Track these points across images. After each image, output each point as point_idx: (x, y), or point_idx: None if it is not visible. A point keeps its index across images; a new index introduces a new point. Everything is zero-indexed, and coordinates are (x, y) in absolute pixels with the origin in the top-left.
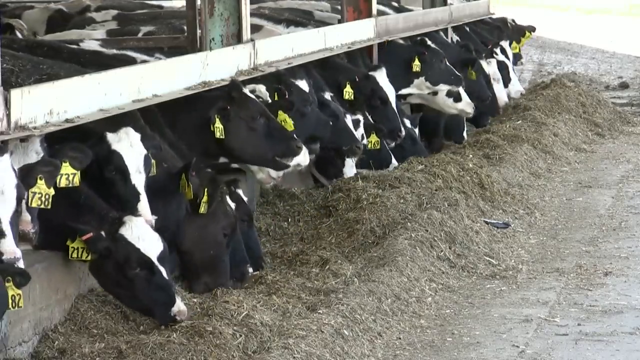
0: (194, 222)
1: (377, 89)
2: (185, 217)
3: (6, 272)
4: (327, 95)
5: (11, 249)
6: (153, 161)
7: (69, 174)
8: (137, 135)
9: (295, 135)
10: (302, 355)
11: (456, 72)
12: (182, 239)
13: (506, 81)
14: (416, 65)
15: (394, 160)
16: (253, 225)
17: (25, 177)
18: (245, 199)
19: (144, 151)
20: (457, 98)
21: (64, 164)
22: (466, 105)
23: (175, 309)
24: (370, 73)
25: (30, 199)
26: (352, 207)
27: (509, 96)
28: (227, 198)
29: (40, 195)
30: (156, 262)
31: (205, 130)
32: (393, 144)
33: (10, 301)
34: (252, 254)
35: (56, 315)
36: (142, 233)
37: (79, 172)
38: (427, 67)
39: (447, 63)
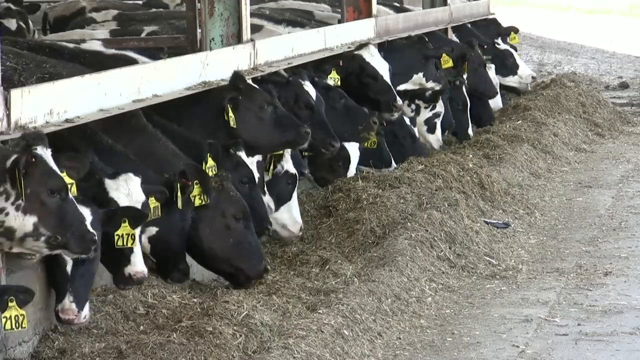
0: (201, 220)
1: (365, 66)
2: (193, 219)
3: (9, 291)
4: (330, 81)
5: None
6: (156, 204)
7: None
8: (137, 181)
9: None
10: (302, 355)
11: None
12: (200, 241)
13: (514, 68)
14: (445, 59)
15: (393, 163)
16: (255, 186)
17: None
18: (247, 160)
19: (142, 198)
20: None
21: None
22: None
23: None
24: (356, 52)
25: None
26: (352, 207)
27: (520, 82)
28: (228, 184)
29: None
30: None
31: (214, 123)
32: (393, 117)
33: (13, 322)
34: (256, 215)
35: None
36: None
37: (75, 182)
38: (424, 64)
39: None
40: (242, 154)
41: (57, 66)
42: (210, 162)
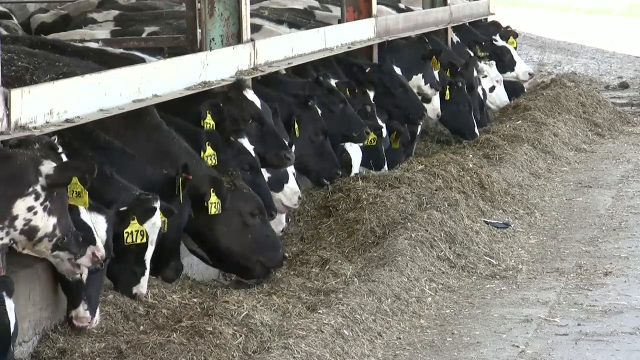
0: (218, 219)
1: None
2: (210, 218)
3: None
4: (332, 82)
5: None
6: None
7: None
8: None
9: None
10: (302, 355)
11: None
12: (217, 241)
13: (511, 65)
14: (434, 62)
15: (385, 167)
16: (259, 173)
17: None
18: (249, 148)
19: (160, 224)
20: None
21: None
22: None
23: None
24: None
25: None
26: (352, 207)
27: (517, 78)
28: (242, 182)
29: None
30: None
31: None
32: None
33: None
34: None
35: (56, 315)
36: None
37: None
38: (424, 66)
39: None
40: (245, 141)
41: (71, 65)
42: (209, 150)
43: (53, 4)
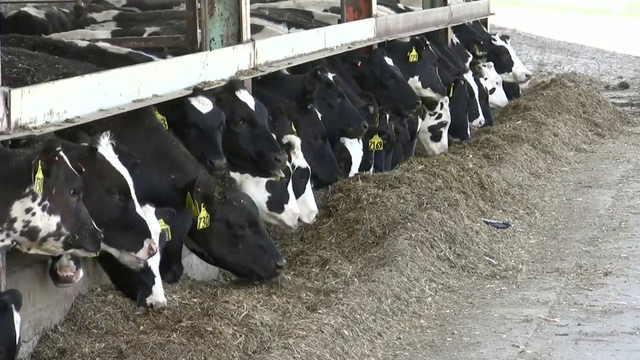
0: (210, 230)
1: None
2: (203, 231)
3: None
4: (330, 76)
5: None
6: (167, 227)
7: None
8: (152, 210)
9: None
10: (302, 355)
11: (441, 82)
12: (210, 249)
13: (509, 65)
14: (413, 55)
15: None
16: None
17: None
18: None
19: (159, 229)
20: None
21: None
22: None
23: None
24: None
25: None
26: (352, 207)
27: (515, 78)
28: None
29: None
30: None
31: None
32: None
33: None
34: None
35: (56, 315)
36: None
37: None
38: (421, 67)
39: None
40: (198, 100)
41: (70, 66)
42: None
43: None
